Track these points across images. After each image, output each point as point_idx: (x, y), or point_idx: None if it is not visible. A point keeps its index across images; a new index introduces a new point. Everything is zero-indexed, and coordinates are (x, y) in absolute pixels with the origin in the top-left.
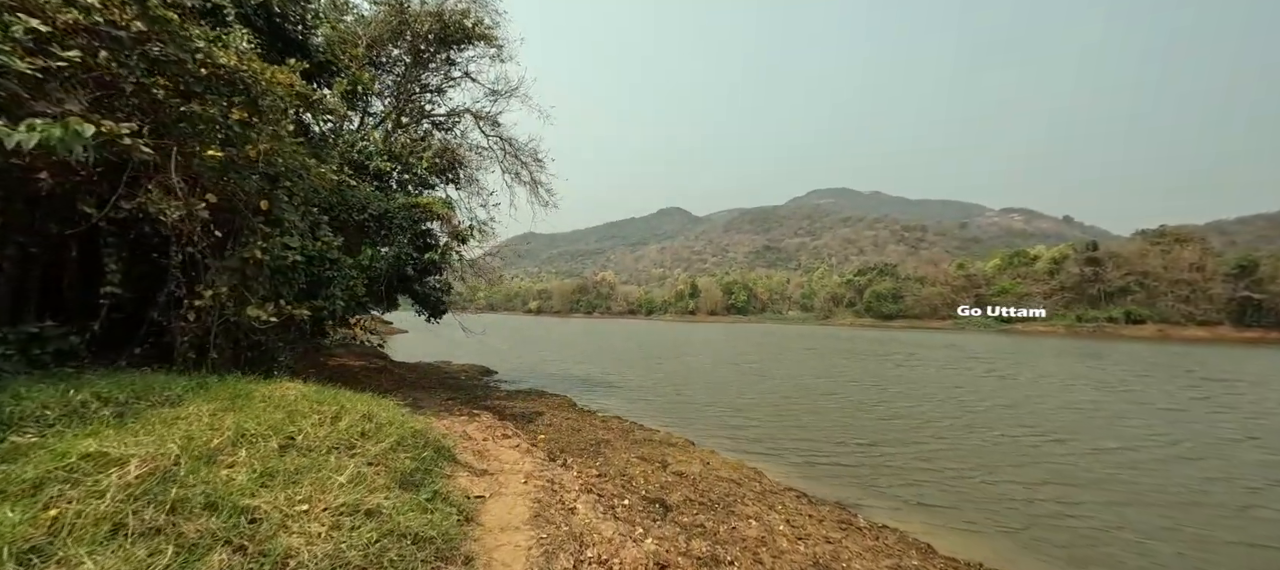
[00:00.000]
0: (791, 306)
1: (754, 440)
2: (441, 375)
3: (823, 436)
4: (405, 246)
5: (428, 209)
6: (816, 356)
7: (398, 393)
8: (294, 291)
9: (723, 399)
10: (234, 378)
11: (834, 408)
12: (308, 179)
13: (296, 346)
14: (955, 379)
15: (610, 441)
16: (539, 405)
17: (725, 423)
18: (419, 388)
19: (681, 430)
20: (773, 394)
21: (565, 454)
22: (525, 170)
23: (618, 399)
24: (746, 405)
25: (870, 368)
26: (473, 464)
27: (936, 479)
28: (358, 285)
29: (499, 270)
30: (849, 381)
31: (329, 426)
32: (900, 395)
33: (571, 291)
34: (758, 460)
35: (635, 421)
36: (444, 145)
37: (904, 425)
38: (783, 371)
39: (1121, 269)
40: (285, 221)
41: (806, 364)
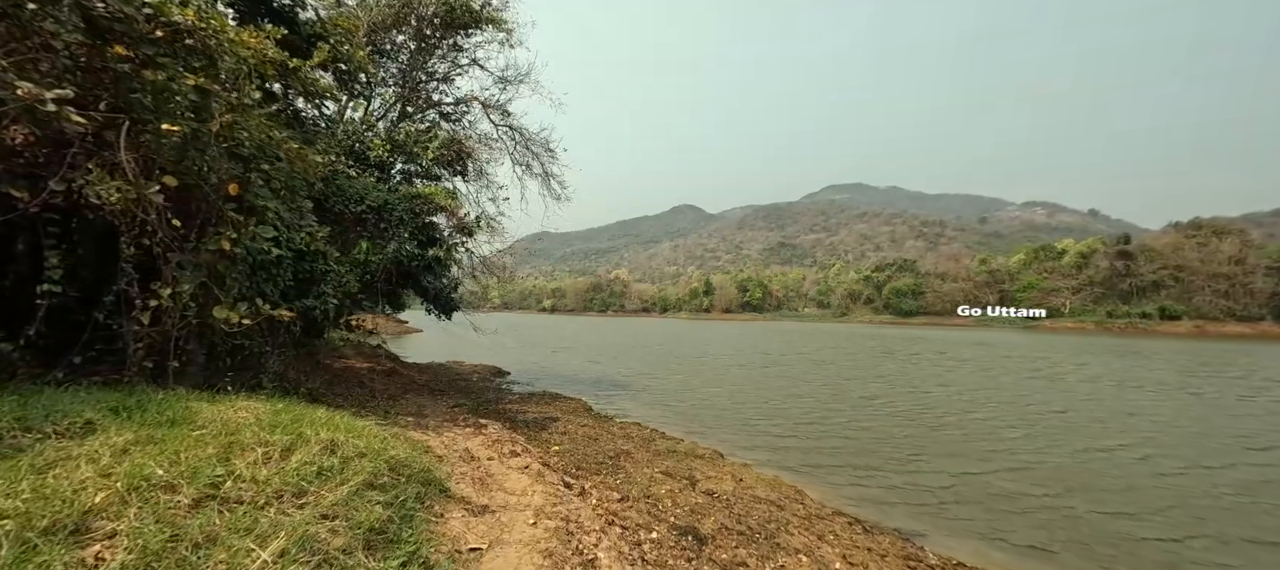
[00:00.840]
0: (807, 304)
1: (788, 451)
2: (452, 377)
3: (866, 448)
4: (406, 241)
5: (430, 200)
6: (843, 355)
7: (403, 398)
8: (279, 290)
9: (748, 403)
10: (180, 395)
11: (874, 414)
12: (290, 163)
13: (287, 351)
14: (998, 380)
15: (631, 453)
16: (552, 410)
17: (753, 430)
18: (427, 392)
19: (706, 439)
20: (802, 398)
21: (582, 472)
22: (536, 161)
23: (636, 403)
24: (775, 410)
25: (903, 368)
26: (470, 498)
27: (1016, 505)
28: (351, 282)
29: (511, 269)
30: (882, 382)
31: (275, 464)
32: (946, 400)
33: (585, 290)
34: (796, 476)
35: (656, 428)
36: (452, 136)
37: (958, 436)
38: (809, 373)
39: (1154, 263)
40: (262, 209)
41: (834, 364)
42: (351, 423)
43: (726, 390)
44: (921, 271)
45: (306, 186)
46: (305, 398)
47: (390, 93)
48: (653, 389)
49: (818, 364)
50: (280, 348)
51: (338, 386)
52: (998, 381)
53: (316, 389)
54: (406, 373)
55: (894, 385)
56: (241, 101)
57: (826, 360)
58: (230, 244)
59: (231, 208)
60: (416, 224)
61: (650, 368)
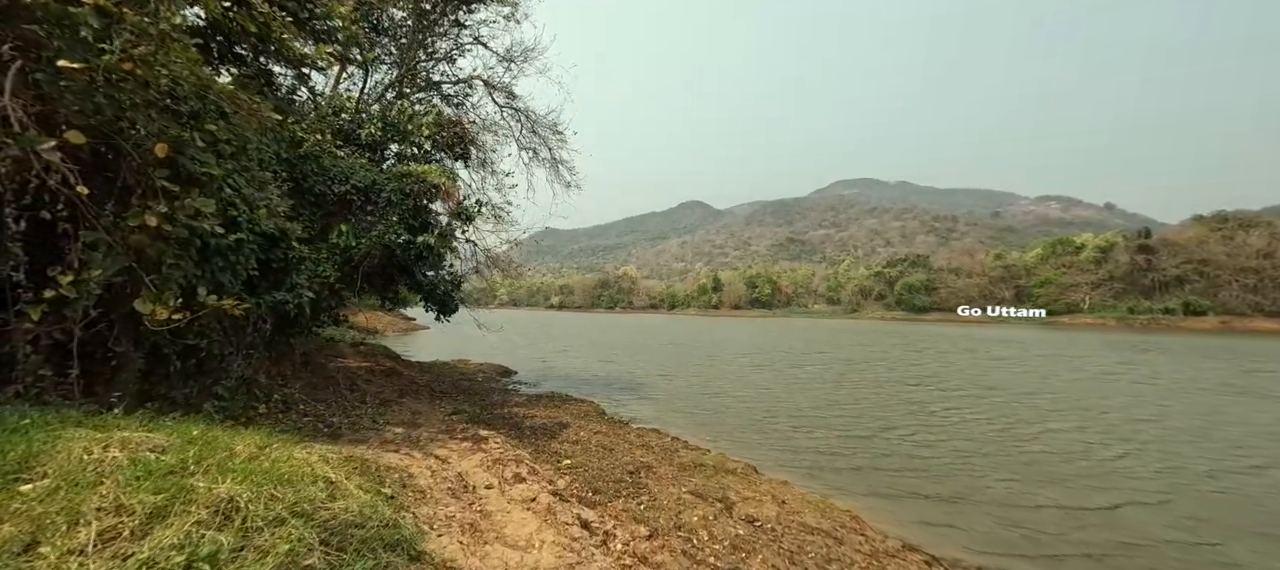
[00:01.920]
0: (817, 300)
1: (837, 472)
2: (455, 377)
3: (920, 461)
4: (394, 226)
5: (423, 180)
6: (870, 354)
7: (397, 404)
8: (240, 280)
9: (780, 409)
10: (43, 419)
11: (934, 424)
12: (243, 119)
13: (256, 353)
14: (1051, 383)
15: (652, 467)
16: (562, 414)
17: (789, 441)
18: (426, 394)
19: (735, 450)
20: (842, 404)
21: (599, 495)
22: (544, 146)
23: (651, 406)
24: (813, 418)
25: (941, 367)
26: (455, 562)
27: (1171, 559)
28: (329, 271)
29: (518, 264)
30: (926, 385)
31: (119, 548)
32: (1009, 406)
33: (593, 287)
34: (846, 497)
35: (677, 437)
36: (452, 119)
37: (1043, 453)
38: (843, 374)
39: (1177, 257)
40: (207, 179)
41: (866, 364)
42: (285, 460)
43: (752, 393)
44: (934, 267)
45: (275, 157)
46: (276, 407)
47: (386, 73)
48: (669, 391)
49: (850, 364)
50: (248, 349)
51: (323, 391)
52: (1051, 384)
53: (293, 395)
54: (407, 373)
55: (942, 388)
56: (158, 28)
57: (856, 359)
58: (159, 220)
59: (164, 176)
60: (407, 207)
61: (664, 367)
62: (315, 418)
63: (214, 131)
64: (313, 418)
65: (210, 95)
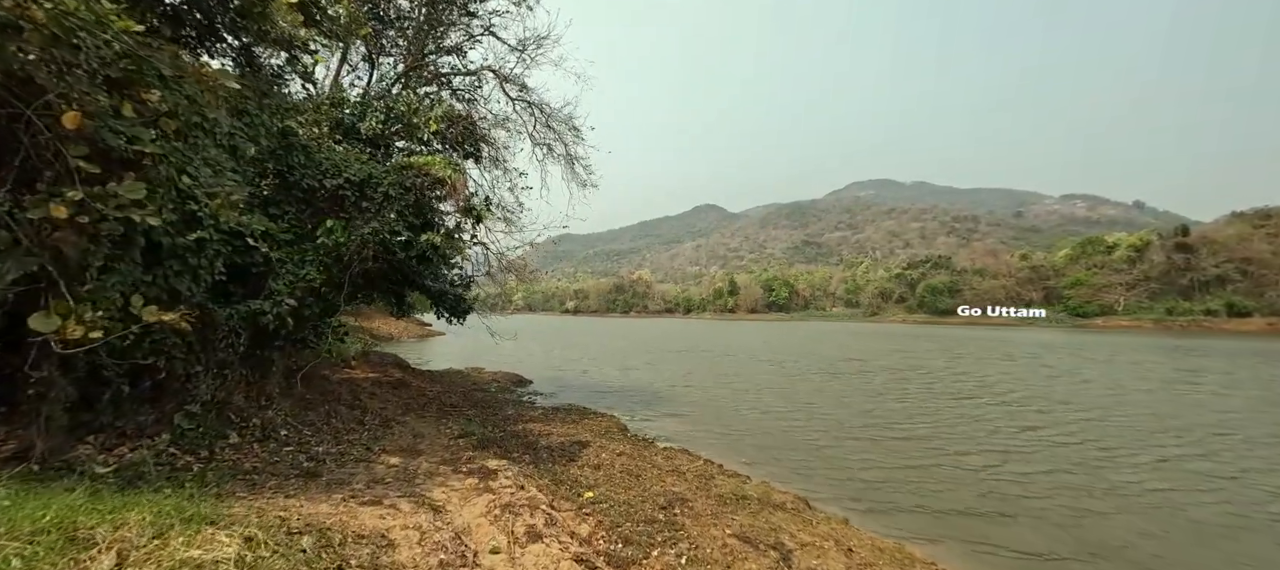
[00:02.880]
0: (835, 303)
1: (897, 501)
2: (467, 388)
3: (1017, 501)
4: (392, 223)
5: (426, 172)
6: (902, 359)
7: (400, 422)
8: (204, 286)
9: (816, 422)
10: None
11: (999, 444)
12: (193, 86)
13: (230, 371)
14: (1130, 397)
15: (688, 501)
16: (581, 431)
17: (834, 463)
18: (434, 409)
19: (777, 475)
20: (884, 415)
21: (630, 545)
22: (559, 142)
23: (676, 420)
24: (856, 433)
25: (987, 374)
26: None
27: None
28: (312, 274)
29: (535, 268)
30: (971, 394)
31: None
32: (1102, 427)
33: (608, 291)
34: (924, 544)
35: (711, 459)
36: (461, 113)
37: (1160, 488)
38: (875, 381)
39: (1218, 256)
40: (144, 160)
41: (913, 373)
42: (174, 557)
43: (788, 406)
44: (957, 268)
45: (252, 143)
46: (252, 435)
47: (392, 67)
48: (694, 403)
49: (891, 373)
50: (219, 367)
51: (317, 411)
52: (1129, 398)
53: (275, 420)
54: (417, 383)
55: (1005, 402)
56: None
57: (894, 366)
58: (69, 210)
59: (80, 154)
60: (407, 202)
61: (686, 376)
62: (298, 447)
63: (155, 102)
64: (295, 447)
65: (144, 55)
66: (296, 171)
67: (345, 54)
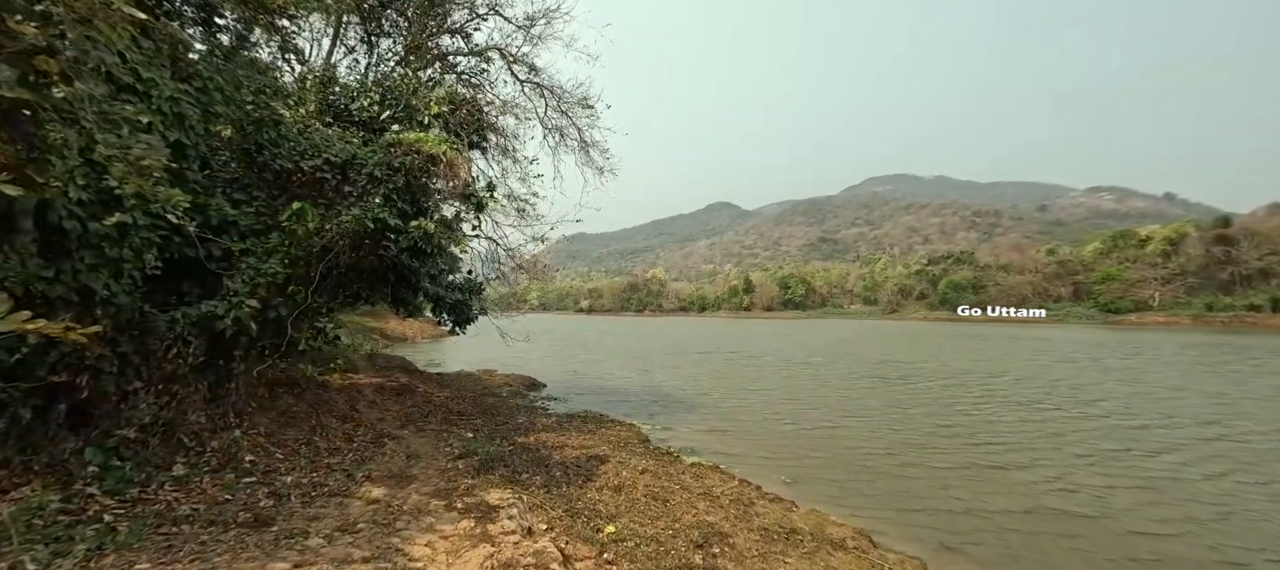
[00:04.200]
0: (853, 301)
1: (1008, 550)
2: (478, 393)
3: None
4: (377, 209)
5: (417, 149)
6: (947, 362)
7: (393, 439)
8: (126, 284)
9: (866, 436)
10: None
11: (1115, 469)
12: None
13: (188, 386)
14: (1230, 406)
15: (727, 536)
16: (598, 443)
17: (899, 487)
18: (435, 419)
19: (829, 502)
20: (954, 429)
21: None
22: (572, 126)
23: (701, 429)
24: (921, 450)
25: (1055, 377)
26: None
27: None
28: (276, 268)
29: (547, 267)
30: (1045, 398)
31: None
32: (1215, 443)
33: (622, 290)
34: None
35: (746, 478)
36: (466, 98)
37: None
38: (931, 389)
39: (1262, 248)
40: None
41: (958, 376)
42: None
43: (826, 415)
44: (980, 264)
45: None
46: (206, 463)
47: (391, 48)
48: (720, 410)
49: (948, 377)
50: (167, 382)
51: (301, 426)
52: (1238, 407)
53: (240, 442)
54: (423, 389)
55: (1097, 412)
56: None
57: (944, 369)
58: None
59: None
60: (395, 184)
61: (707, 378)
62: (262, 477)
63: (25, 34)
64: (258, 478)
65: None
66: (266, 150)
67: (338, 32)
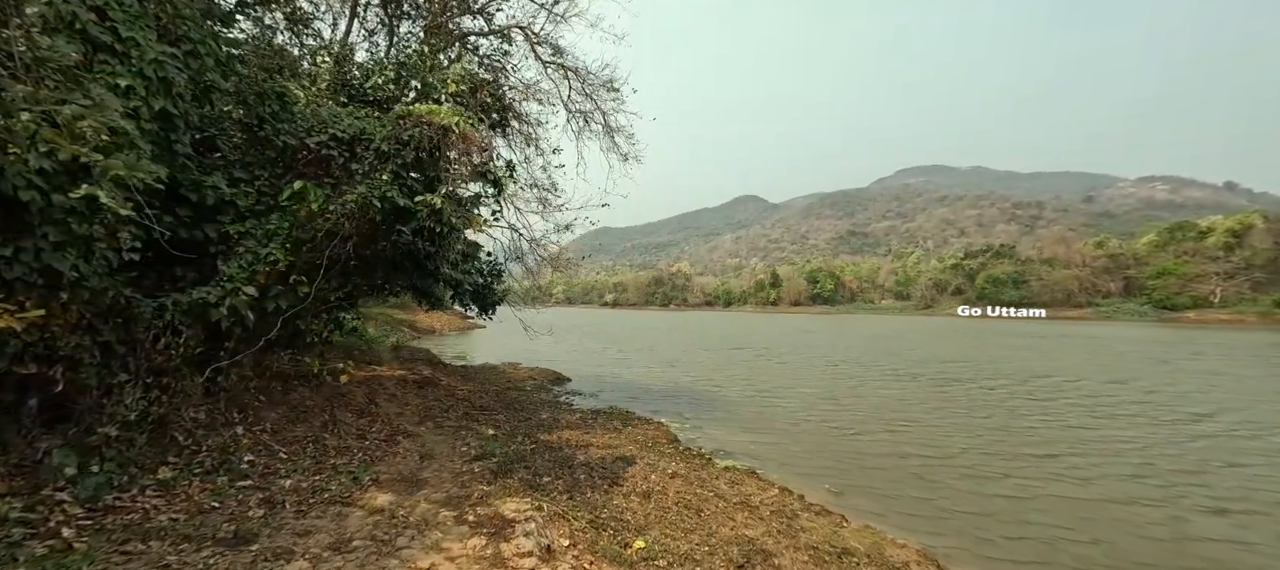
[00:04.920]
0: (884, 295)
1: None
2: (501, 387)
3: None
4: (385, 187)
5: (427, 121)
6: (1000, 357)
7: (408, 437)
8: (98, 266)
9: (922, 439)
10: None
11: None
12: None
13: (172, 381)
14: None
15: (772, 555)
16: (625, 443)
17: (968, 502)
18: (455, 414)
19: (883, 517)
20: (1010, 430)
21: None
22: (597, 110)
23: (734, 429)
24: (996, 457)
25: (1144, 380)
26: None
27: None
28: (276, 254)
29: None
30: (1154, 401)
31: None
32: None
33: (646, 284)
34: None
35: (786, 487)
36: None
37: None
38: (995, 390)
39: None
40: None
41: (1045, 378)
42: None
43: (875, 419)
44: (1021, 257)
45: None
46: (200, 464)
47: (411, 32)
48: (753, 410)
49: (1014, 379)
50: (157, 375)
51: (312, 421)
52: None
53: (240, 439)
54: (446, 382)
55: (1244, 431)
56: None
57: (1007, 371)
58: None
59: None
60: (404, 159)
61: (739, 375)
62: (257, 482)
63: None
64: (253, 482)
65: None
66: (268, 124)
67: (355, 12)
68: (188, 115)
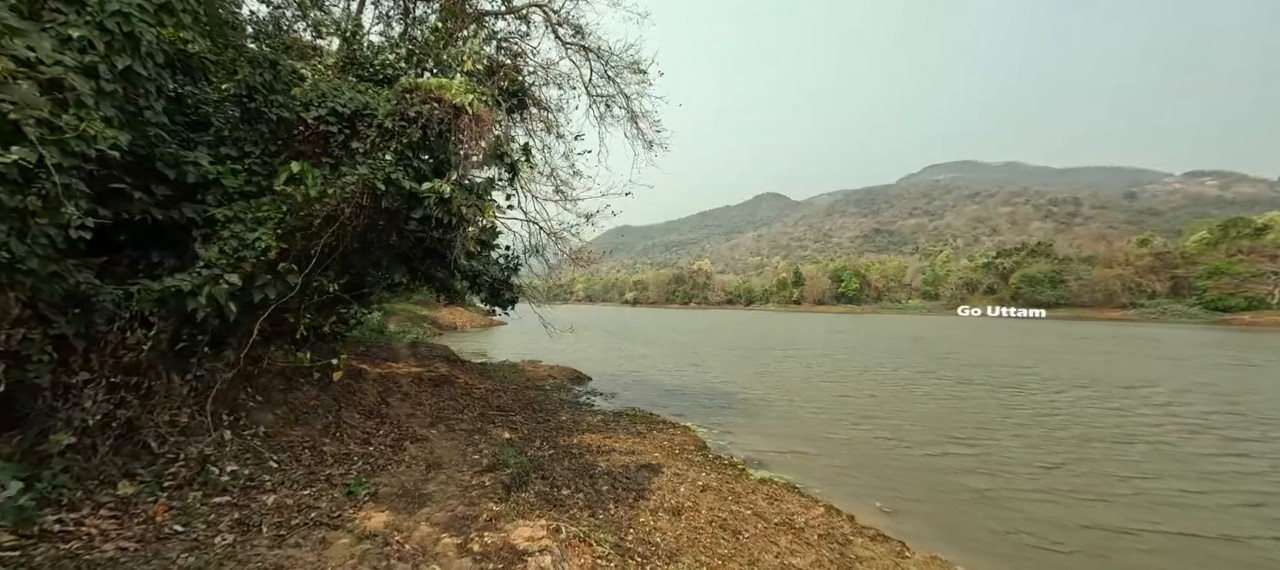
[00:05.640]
0: (912, 295)
1: None
2: (520, 385)
3: None
4: (388, 168)
5: (436, 95)
6: (1053, 359)
7: (418, 441)
8: (42, 245)
9: (973, 448)
10: None
11: None
12: None
13: (143, 379)
14: None
15: None
16: (649, 449)
17: (1044, 527)
18: (470, 415)
19: (953, 545)
20: (1095, 447)
21: None
22: (620, 94)
23: (766, 435)
24: (1063, 473)
25: (1212, 383)
26: None
27: None
28: (266, 240)
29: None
30: (1235, 424)
31: None
32: None
33: (667, 282)
34: None
35: (830, 503)
36: (504, 61)
37: None
38: (1041, 398)
39: None
40: None
41: (1087, 383)
42: None
43: (923, 429)
44: (1059, 256)
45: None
46: (172, 476)
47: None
48: (784, 414)
49: (1077, 389)
50: (122, 374)
51: (314, 423)
52: None
53: (222, 452)
54: (463, 380)
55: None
56: None
57: (1066, 374)
58: None
59: None
60: (410, 138)
61: (766, 376)
62: (235, 498)
63: None
64: (231, 498)
65: None
66: (260, 95)
67: None
68: (161, 79)
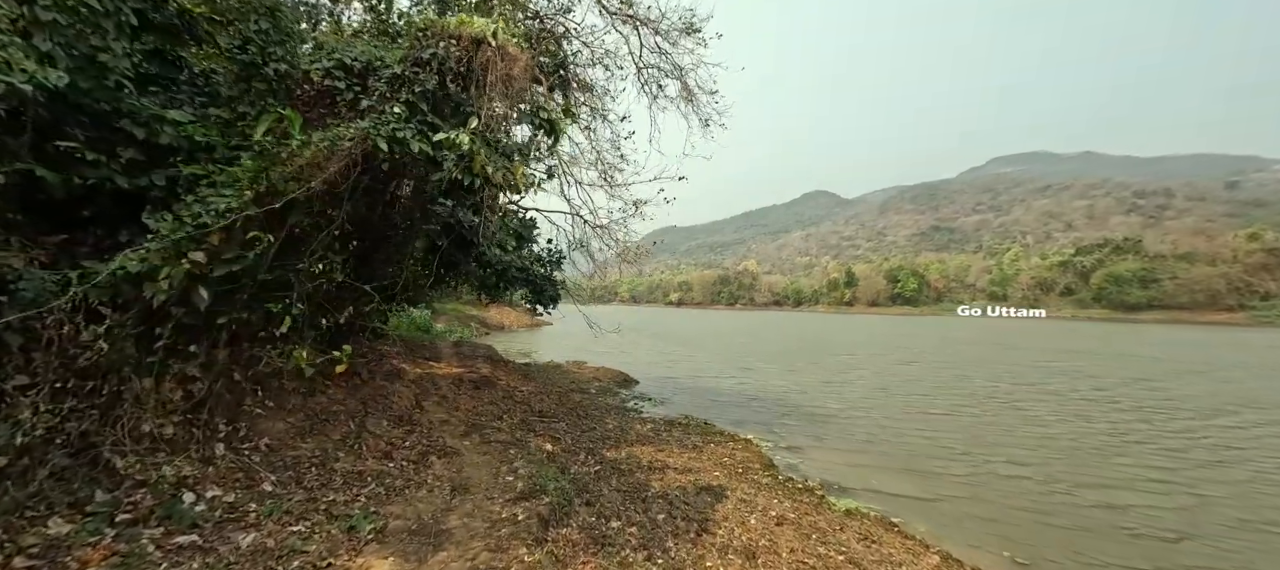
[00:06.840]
0: (976, 296)
1: None
2: (565, 388)
3: None
4: (394, 122)
5: (456, 34)
6: (1196, 373)
7: (449, 454)
8: None
9: (1127, 478)
10: None
11: None
12: None
13: (112, 385)
14: None
15: None
16: (708, 466)
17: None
18: (510, 421)
19: None
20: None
21: None
22: (674, 68)
23: (840, 452)
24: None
25: None
26: None
27: None
28: (236, 203)
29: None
30: None
31: None
32: None
33: (712, 283)
34: None
35: (944, 547)
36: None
37: None
38: (1203, 425)
39: None
40: None
41: (1236, 398)
42: None
43: (1041, 453)
44: (1149, 253)
45: None
46: (120, 511)
47: None
48: (857, 427)
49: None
50: (76, 378)
51: (332, 433)
52: None
53: (216, 460)
54: (505, 382)
55: None
56: None
57: (1223, 392)
58: None
59: None
60: (424, 87)
61: (827, 382)
62: (201, 538)
63: None
64: (196, 538)
65: None
66: (254, 45)
67: None
68: (119, 16)
